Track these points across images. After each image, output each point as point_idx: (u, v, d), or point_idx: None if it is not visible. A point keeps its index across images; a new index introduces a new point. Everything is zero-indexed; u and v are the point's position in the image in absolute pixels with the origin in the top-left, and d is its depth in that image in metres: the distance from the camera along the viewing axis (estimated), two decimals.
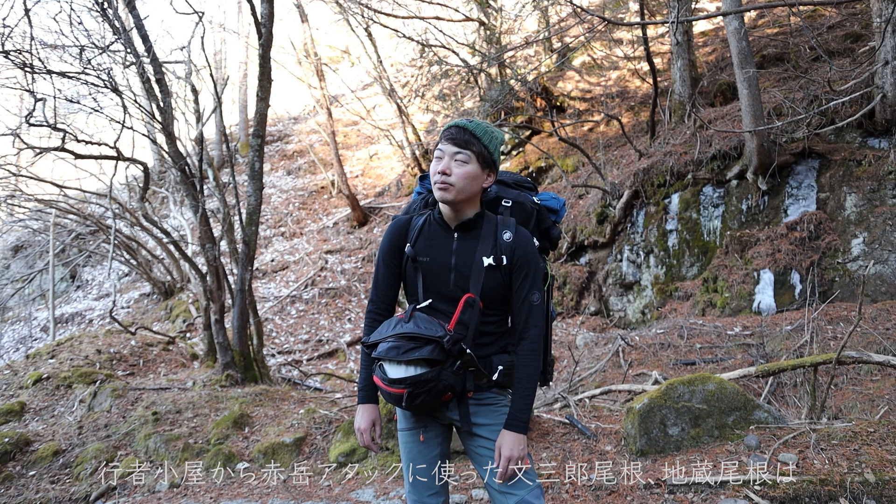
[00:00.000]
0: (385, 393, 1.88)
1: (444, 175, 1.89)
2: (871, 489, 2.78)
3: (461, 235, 1.98)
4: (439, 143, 1.94)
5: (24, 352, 11.66)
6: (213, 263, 6.67)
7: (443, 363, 1.82)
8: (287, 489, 3.96)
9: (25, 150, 7.80)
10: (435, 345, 1.81)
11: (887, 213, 6.40)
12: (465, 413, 1.96)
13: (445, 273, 1.96)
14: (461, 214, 1.98)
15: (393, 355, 1.81)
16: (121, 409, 5.71)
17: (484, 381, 1.96)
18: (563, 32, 13.03)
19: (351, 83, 20.20)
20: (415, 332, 1.82)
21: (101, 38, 6.62)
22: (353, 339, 9.78)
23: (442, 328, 1.85)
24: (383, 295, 2.09)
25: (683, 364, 5.52)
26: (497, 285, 1.95)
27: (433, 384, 1.82)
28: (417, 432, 2.04)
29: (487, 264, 1.93)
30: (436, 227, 2.02)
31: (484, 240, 1.96)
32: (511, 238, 1.95)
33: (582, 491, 3.22)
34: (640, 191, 8.68)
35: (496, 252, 1.94)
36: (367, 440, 2.04)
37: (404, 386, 1.81)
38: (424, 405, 1.87)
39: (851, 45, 8.33)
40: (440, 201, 1.94)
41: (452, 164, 1.90)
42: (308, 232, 14.24)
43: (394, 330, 1.86)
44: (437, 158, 1.93)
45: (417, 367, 1.81)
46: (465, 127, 1.93)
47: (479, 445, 1.99)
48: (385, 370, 1.84)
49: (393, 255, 2.05)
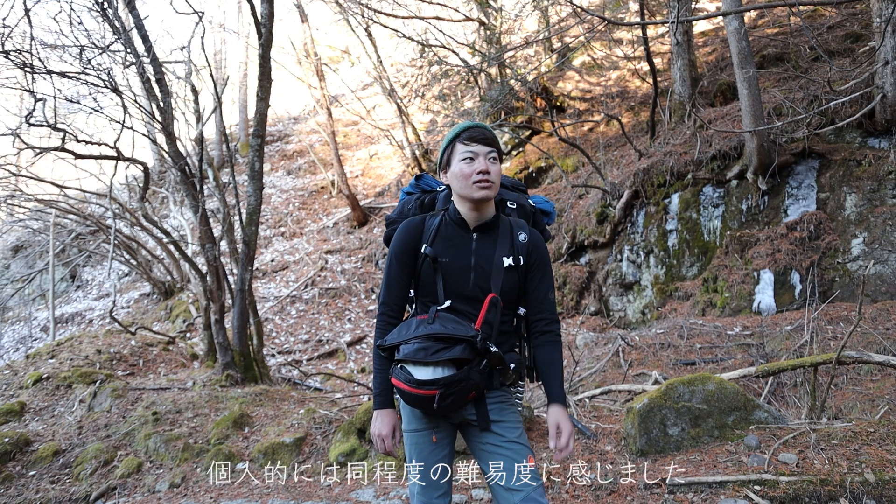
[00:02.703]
0: (409, 395, 1.85)
1: (487, 174, 1.92)
2: (871, 489, 2.78)
3: (480, 236, 2.01)
4: (460, 144, 1.96)
5: (24, 352, 11.66)
6: (213, 263, 6.67)
7: (471, 363, 1.83)
8: (287, 489, 3.96)
9: (25, 150, 7.80)
10: (466, 344, 1.81)
11: (887, 213, 6.39)
12: (482, 410, 1.97)
13: (465, 273, 1.97)
14: (484, 214, 2.01)
15: (421, 356, 1.80)
16: (121, 409, 5.71)
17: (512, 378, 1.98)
18: (563, 32, 13.03)
19: (351, 83, 20.20)
20: (443, 333, 1.82)
21: (101, 38, 6.62)
22: (353, 339, 9.78)
23: (470, 327, 1.86)
24: (396, 296, 2.06)
25: (683, 364, 5.52)
26: (514, 285, 1.98)
27: (464, 384, 1.82)
28: (430, 433, 2.02)
29: (507, 265, 1.96)
30: (453, 227, 2.02)
31: (501, 240, 1.99)
32: (527, 239, 2.01)
33: (582, 491, 3.22)
34: (640, 191, 8.68)
35: (514, 252, 1.98)
36: (388, 446, 2.01)
37: (437, 387, 1.79)
38: (452, 406, 1.86)
39: (851, 45, 8.33)
40: (481, 200, 1.95)
41: (487, 162, 1.93)
42: (308, 232, 14.24)
43: (418, 331, 1.85)
44: (467, 160, 1.93)
45: (446, 368, 1.80)
46: (485, 127, 1.99)
47: (487, 442, 1.99)
48: (410, 372, 1.82)
49: (407, 256, 2.03)
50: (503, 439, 1.96)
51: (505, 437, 1.96)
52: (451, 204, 2.05)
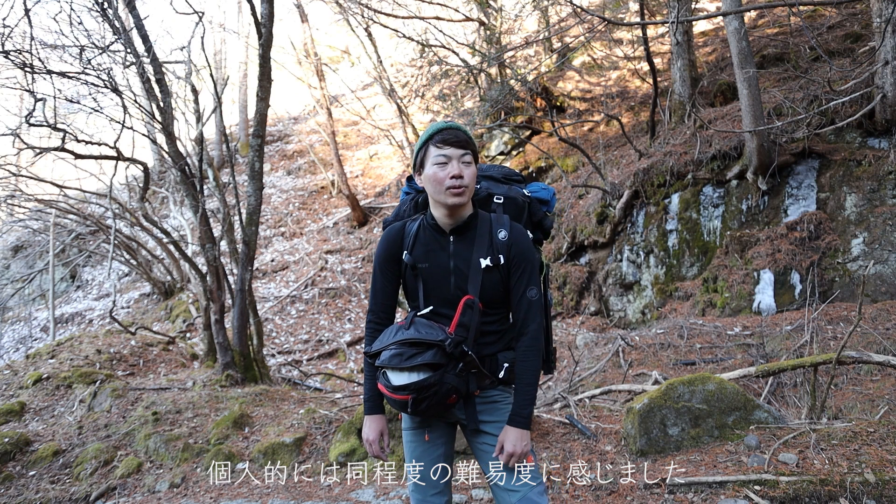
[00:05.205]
0: (390, 400, 1.89)
1: (460, 178, 1.88)
2: (871, 489, 2.78)
3: (457, 238, 1.98)
4: (434, 147, 1.91)
5: (24, 352, 11.66)
6: (213, 263, 6.67)
7: (445, 367, 1.83)
8: (287, 489, 3.96)
9: (25, 150, 7.80)
10: (437, 349, 1.81)
11: (887, 213, 6.39)
12: (471, 412, 1.97)
13: (445, 277, 1.96)
14: (459, 217, 1.97)
15: (396, 363, 1.81)
16: (121, 409, 5.71)
17: (487, 382, 1.97)
18: (563, 32, 13.03)
19: (351, 83, 20.20)
20: (416, 338, 1.82)
21: (101, 38, 6.63)
22: (353, 339, 9.78)
23: (443, 332, 1.85)
24: (381, 304, 2.08)
25: (683, 364, 5.52)
26: (496, 285, 1.95)
27: (436, 388, 1.82)
28: (423, 432, 2.05)
29: (485, 266, 1.93)
30: (430, 231, 2.00)
31: (479, 240, 1.96)
32: (506, 236, 1.95)
33: (582, 491, 3.22)
34: (640, 191, 8.68)
35: (493, 252, 1.94)
36: (376, 450, 2.06)
37: (408, 392, 1.81)
38: (430, 409, 1.87)
39: (851, 45, 8.33)
40: (455, 206, 1.92)
41: (461, 166, 1.90)
42: (308, 232, 14.25)
43: (395, 337, 1.86)
44: (440, 164, 1.89)
45: (420, 372, 1.81)
46: (459, 128, 1.94)
47: (483, 443, 2.00)
48: (389, 378, 1.85)
49: (390, 264, 2.04)
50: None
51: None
52: (428, 208, 2.03)
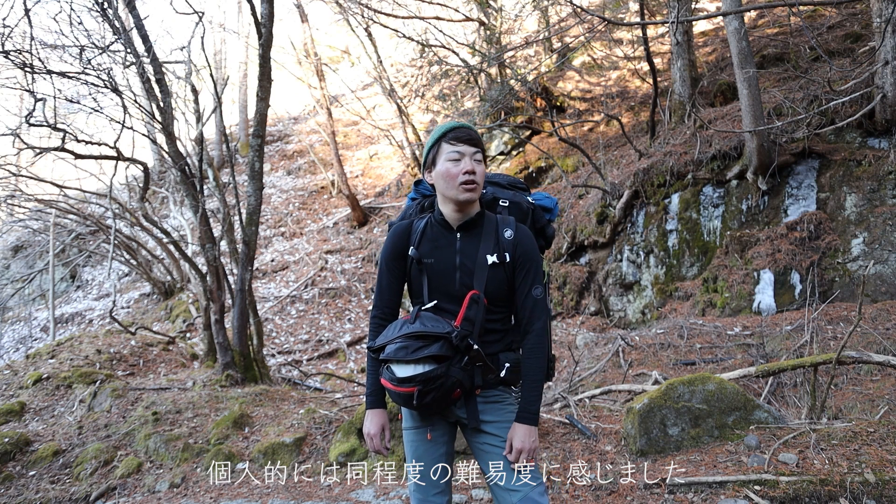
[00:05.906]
0: (394, 394, 1.89)
1: (473, 174, 1.92)
2: (871, 489, 2.78)
3: (464, 235, 2.01)
4: (447, 144, 1.96)
5: (24, 352, 11.67)
6: (213, 263, 6.67)
7: (451, 359, 1.84)
8: (287, 489, 3.96)
9: (25, 150, 7.80)
10: (443, 341, 1.83)
11: (887, 213, 6.39)
12: (472, 409, 1.97)
13: (451, 273, 1.98)
14: (468, 214, 2.00)
15: (402, 355, 1.83)
16: (121, 409, 5.71)
17: (491, 377, 1.98)
18: (563, 32, 13.03)
19: (351, 83, 20.20)
20: (422, 331, 1.84)
21: (101, 38, 6.63)
22: (353, 339, 9.78)
23: (449, 325, 1.86)
24: (387, 300, 2.10)
25: (683, 364, 5.52)
26: (501, 283, 1.98)
27: (442, 380, 1.83)
28: (425, 431, 2.05)
29: (491, 262, 1.96)
30: (438, 228, 2.03)
31: (486, 238, 1.99)
32: (512, 235, 1.99)
33: (582, 491, 3.22)
34: (640, 191, 8.68)
35: (499, 250, 1.97)
36: (377, 445, 2.06)
37: (414, 384, 1.82)
38: (434, 403, 1.87)
39: (851, 45, 8.33)
40: (465, 202, 1.96)
41: (473, 163, 1.94)
42: (308, 232, 14.25)
43: (400, 331, 1.88)
44: (453, 160, 1.94)
45: (426, 364, 1.82)
46: (470, 127, 1.99)
47: (484, 442, 2.00)
48: (393, 371, 1.86)
49: (396, 260, 2.06)
50: (501, 439, 1.96)
51: (503, 437, 1.96)
52: (436, 206, 2.06)
